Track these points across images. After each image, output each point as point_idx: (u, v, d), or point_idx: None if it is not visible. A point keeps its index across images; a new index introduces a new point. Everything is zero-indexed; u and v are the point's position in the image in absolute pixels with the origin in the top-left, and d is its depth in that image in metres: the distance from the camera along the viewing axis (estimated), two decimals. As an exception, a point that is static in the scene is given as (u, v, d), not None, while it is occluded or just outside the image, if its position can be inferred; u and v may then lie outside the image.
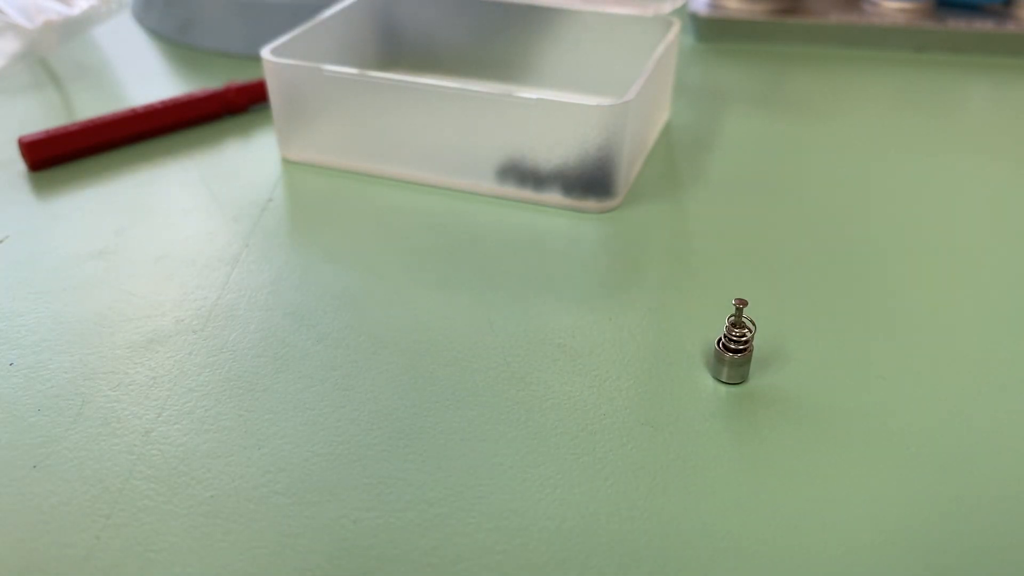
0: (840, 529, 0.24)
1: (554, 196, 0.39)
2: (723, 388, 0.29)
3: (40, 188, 0.40)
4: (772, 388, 0.29)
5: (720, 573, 0.23)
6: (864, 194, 0.40)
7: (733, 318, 0.28)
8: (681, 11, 0.60)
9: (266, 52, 0.40)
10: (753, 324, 0.28)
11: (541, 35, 0.48)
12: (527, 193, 0.39)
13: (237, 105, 0.47)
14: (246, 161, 0.43)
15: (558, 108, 0.37)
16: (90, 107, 0.48)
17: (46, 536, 0.24)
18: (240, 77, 0.50)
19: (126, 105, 0.47)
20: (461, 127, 0.38)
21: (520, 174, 0.39)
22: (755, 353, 0.30)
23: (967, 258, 0.36)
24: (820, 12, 0.59)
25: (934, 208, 0.39)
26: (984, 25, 0.56)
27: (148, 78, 0.52)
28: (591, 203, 0.38)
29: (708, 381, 0.29)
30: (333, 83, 0.39)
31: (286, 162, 0.43)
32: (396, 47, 0.51)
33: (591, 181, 0.38)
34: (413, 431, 0.27)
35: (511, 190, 0.39)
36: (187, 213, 0.39)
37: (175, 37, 0.57)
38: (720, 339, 0.29)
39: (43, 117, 0.47)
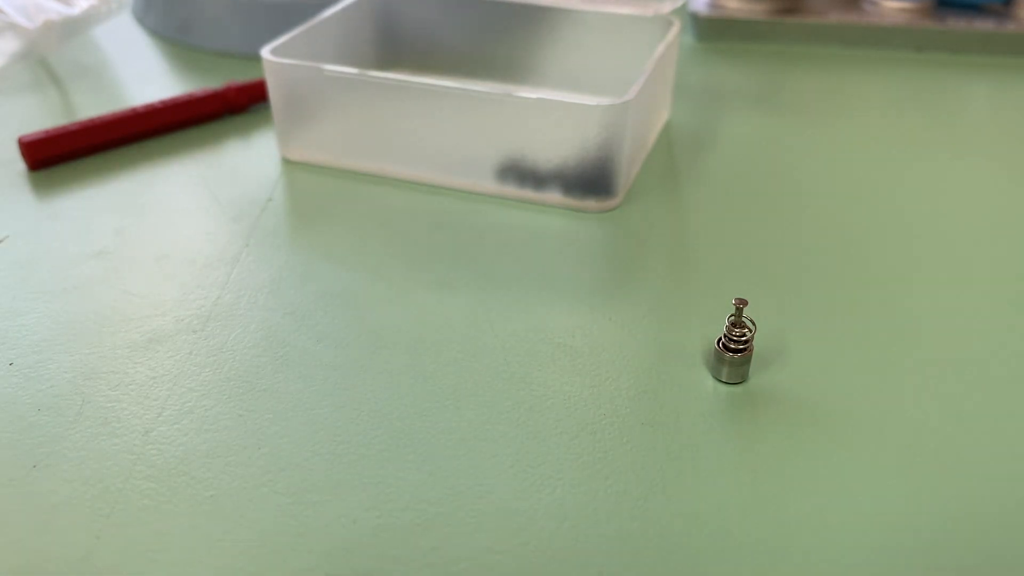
0: (840, 529, 0.24)
1: (554, 196, 0.39)
2: (723, 388, 0.29)
3: (40, 188, 0.40)
4: (772, 388, 0.29)
5: (720, 573, 0.23)
6: (864, 194, 0.40)
7: (733, 318, 0.28)
8: (681, 11, 0.60)
9: (266, 52, 0.40)
10: (753, 324, 0.28)
11: (541, 35, 0.48)
12: (527, 193, 0.39)
13: (237, 105, 0.47)
14: (246, 161, 0.43)
15: (558, 108, 0.37)
16: (90, 107, 0.48)
17: (46, 536, 0.24)
18: (240, 77, 0.50)
19: (126, 105, 0.47)
20: (461, 127, 0.38)
21: (520, 174, 0.39)
22: (755, 353, 0.30)
23: (967, 258, 0.36)
24: (820, 12, 0.59)
25: (934, 208, 0.39)
26: (984, 25, 0.56)
27: (148, 78, 0.52)
28: (591, 203, 0.38)
29: (708, 381, 0.29)
30: (333, 83, 0.39)
31: (286, 162, 0.43)
32: (396, 47, 0.51)
33: (591, 181, 0.38)
34: (413, 431, 0.27)
35: (511, 190, 0.39)
36: (187, 213, 0.39)
37: (175, 37, 0.57)
38: (720, 339, 0.29)
39: (43, 117, 0.47)
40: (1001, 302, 0.33)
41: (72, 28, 0.51)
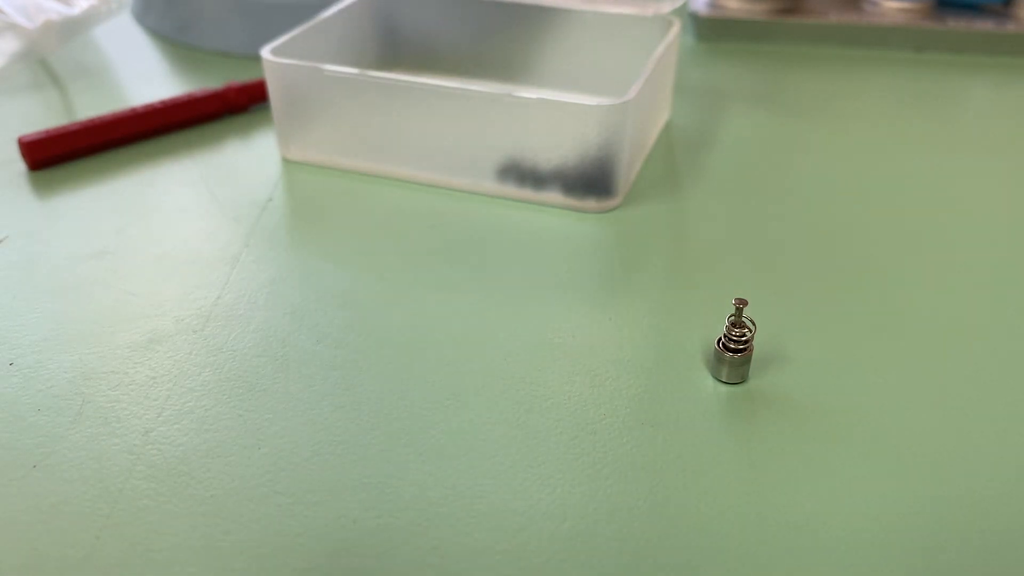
0: (839, 528, 0.24)
1: (554, 196, 0.39)
2: (723, 388, 0.29)
3: (40, 188, 0.40)
4: (772, 388, 0.29)
5: (720, 573, 0.23)
6: (864, 194, 0.40)
7: (733, 318, 0.28)
8: (681, 11, 0.60)
9: (266, 52, 0.40)
10: (753, 324, 0.28)
11: (541, 35, 0.48)
12: (527, 193, 0.39)
13: (237, 105, 0.47)
14: (246, 161, 0.43)
15: (558, 108, 0.37)
16: (90, 107, 0.48)
17: (46, 536, 0.24)
18: (240, 77, 0.50)
19: (126, 105, 0.47)
20: (461, 127, 0.38)
21: (520, 174, 0.39)
22: (755, 353, 0.30)
23: (967, 257, 0.36)
24: (820, 12, 0.59)
25: (934, 208, 0.39)
26: (984, 25, 0.56)
27: (148, 78, 0.52)
28: (591, 203, 0.38)
29: (708, 381, 0.29)
30: (333, 83, 0.39)
31: (286, 162, 0.43)
32: (396, 47, 0.51)
33: (591, 181, 0.38)
34: (413, 431, 0.27)
35: (511, 190, 0.39)
36: (187, 213, 0.39)
37: (175, 37, 0.57)
38: (720, 339, 0.29)
39: (43, 117, 0.47)
40: (1002, 301, 0.33)
41: (72, 28, 0.51)
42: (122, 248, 0.36)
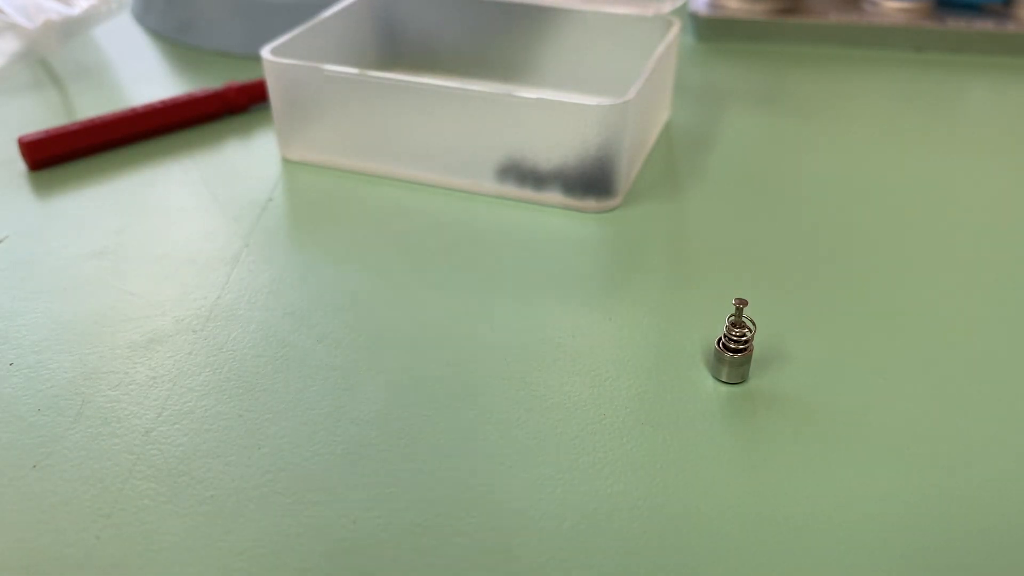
0: (840, 528, 0.24)
1: (554, 196, 0.39)
2: (723, 388, 0.29)
3: (40, 188, 0.40)
4: (772, 388, 0.29)
5: (720, 573, 0.23)
6: (864, 194, 0.40)
7: (733, 318, 0.28)
8: (681, 11, 0.60)
9: (266, 52, 0.40)
10: (753, 324, 0.28)
11: (541, 35, 0.48)
12: (527, 193, 0.39)
13: (237, 105, 0.47)
14: (246, 161, 0.43)
15: (558, 108, 0.37)
16: (90, 107, 0.48)
17: (46, 536, 0.24)
18: (240, 77, 0.50)
19: (126, 105, 0.47)
20: (461, 127, 0.38)
21: (520, 174, 0.39)
22: (755, 353, 0.30)
23: (966, 258, 0.36)
24: (820, 12, 0.59)
25: (934, 208, 0.39)
26: (984, 25, 0.56)
27: (148, 78, 0.52)
28: (591, 203, 0.38)
29: (708, 381, 0.29)
30: (333, 83, 0.39)
31: (286, 162, 0.43)
32: (396, 47, 0.51)
33: (591, 181, 0.38)
34: (413, 431, 0.27)
35: (511, 190, 0.39)
36: (187, 213, 0.39)
37: (175, 37, 0.57)
38: (720, 339, 0.29)
39: (43, 117, 0.47)
40: (1002, 301, 0.33)
41: (72, 28, 0.51)
42: (122, 248, 0.36)
